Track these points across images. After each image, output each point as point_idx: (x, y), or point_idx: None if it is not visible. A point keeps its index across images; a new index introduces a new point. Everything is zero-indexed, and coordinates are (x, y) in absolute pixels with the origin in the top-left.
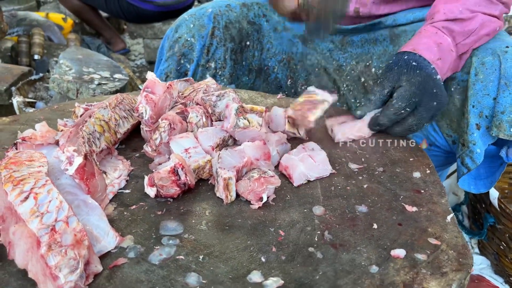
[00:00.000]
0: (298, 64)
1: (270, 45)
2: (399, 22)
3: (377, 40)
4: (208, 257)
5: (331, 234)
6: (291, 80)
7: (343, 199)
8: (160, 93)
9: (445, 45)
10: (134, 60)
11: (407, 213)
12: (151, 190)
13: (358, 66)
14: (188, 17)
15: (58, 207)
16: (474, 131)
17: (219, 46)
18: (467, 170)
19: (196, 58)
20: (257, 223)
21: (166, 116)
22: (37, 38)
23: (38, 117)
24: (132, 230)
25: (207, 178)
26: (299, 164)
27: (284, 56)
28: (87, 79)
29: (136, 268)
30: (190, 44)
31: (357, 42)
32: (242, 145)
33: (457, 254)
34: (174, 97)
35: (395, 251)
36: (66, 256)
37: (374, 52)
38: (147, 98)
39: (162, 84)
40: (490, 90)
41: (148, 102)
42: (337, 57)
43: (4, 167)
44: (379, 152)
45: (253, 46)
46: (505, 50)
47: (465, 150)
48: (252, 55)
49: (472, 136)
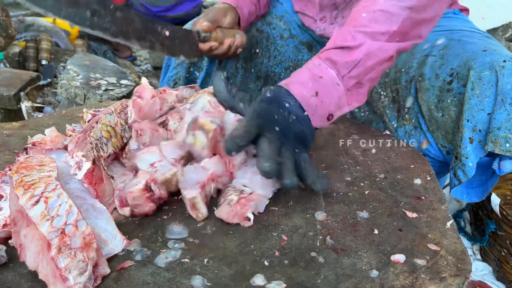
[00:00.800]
0: None
1: (277, 53)
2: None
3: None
4: (212, 261)
5: (332, 239)
6: None
7: (345, 205)
8: (147, 98)
9: (327, 79)
10: (140, 65)
11: (408, 219)
12: (124, 211)
13: None
14: None
15: (68, 211)
16: (468, 145)
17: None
18: (458, 182)
19: (206, 67)
20: (261, 227)
21: (132, 124)
22: (45, 44)
23: (47, 122)
24: (139, 234)
25: (177, 192)
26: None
27: (290, 63)
28: (94, 84)
29: (142, 270)
30: None
31: None
32: (202, 162)
33: (456, 260)
34: (169, 102)
35: (395, 256)
36: (75, 258)
37: None
38: (134, 103)
39: (151, 89)
40: (485, 105)
41: (134, 106)
42: None
43: (16, 172)
44: (380, 159)
45: (262, 54)
46: (502, 65)
47: (458, 163)
48: (260, 62)
49: (465, 150)
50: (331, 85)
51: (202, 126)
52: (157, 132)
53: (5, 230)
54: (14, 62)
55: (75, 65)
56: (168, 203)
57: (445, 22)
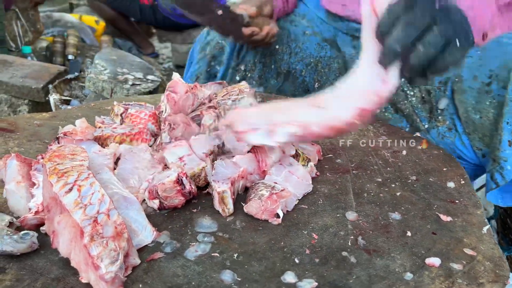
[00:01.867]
0: (326, 68)
1: (298, 49)
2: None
3: None
4: (242, 256)
5: (364, 240)
6: (318, 83)
7: (376, 205)
8: (181, 92)
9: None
10: (162, 63)
11: (442, 223)
12: (154, 203)
13: None
14: None
15: (100, 200)
16: (507, 147)
17: (249, 49)
18: (496, 186)
19: (226, 61)
20: (290, 225)
21: (167, 118)
22: (72, 39)
23: (76, 114)
24: (168, 226)
25: (204, 186)
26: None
27: (312, 60)
28: (122, 79)
29: (172, 262)
30: (221, 47)
31: None
32: (235, 158)
33: (493, 266)
34: (199, 98)
35: (430, 260)
36: (107, 247)
37: None
38: (168, 97)
39: (185, 84)
40: None
41: (169, 101)
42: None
43: (49, 160)
44: (411, 160)
45: (282, 50)
46: None
47: (496, 166)
48: (281, 59)
49: (504, 153)
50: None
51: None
52: (189, 126)
53: (37, 217)
54: (41, 57)
55: (103, 60)
56: (196, 197)
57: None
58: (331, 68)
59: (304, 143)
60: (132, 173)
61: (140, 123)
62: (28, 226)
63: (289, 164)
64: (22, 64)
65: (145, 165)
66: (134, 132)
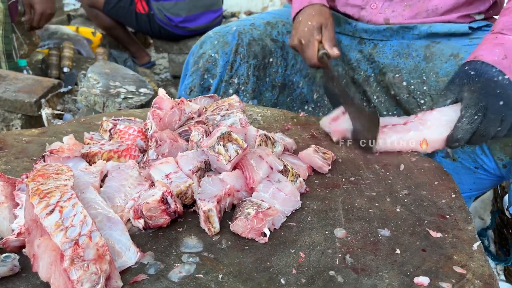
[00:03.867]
0: None
1: (294, 61)
2: (434, 30)
3: (410, 55)
4: (227, 277)
5: (352, 258)
6: (317, 94)
7: (366, 222)
8: (167, 108)
9: (509, 43)
10: (159, 74)
11: (432, 239)
12: (139, 222)
13: (386, 77)
14: (213, 34)
15: (82, 222)
16: None
17: (242, 62)
18: None
19: (219, 74)
20: (277, 244)
21: (153, 134)
22: (67, 52)
23: (66, 130)
24: (153, 246)
25: (191, 204)
26: (274, 203)
27: (309, 71)
28: (114, 92)
29: (155, 284)
30: (214, 60)
31: (388, 54)
32: (222, 175)
33: (483, 285)
34: (187, 112)
35: (418, 279)
36: (88, 270)
37: (405, 66)
38: (153, 114)
39: (170, 100)
40: None
41: (154, 117)
42: (364, 67)
43: (32, 180)
44: (403, 174)
45: (276, 63)
46: None
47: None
48: (275, 72)
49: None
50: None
51: (235, 140)
52: (176, 142)
53: (20, 239)
54: (37, 69)
55: (96, 73)
56: (183, 215)
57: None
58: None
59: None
60: (119, 191)
61: (129, 139)
62: (10, 248)
63: (277, 181)
64: (16, 78)
65: (131, 183)
66: (122, 148)
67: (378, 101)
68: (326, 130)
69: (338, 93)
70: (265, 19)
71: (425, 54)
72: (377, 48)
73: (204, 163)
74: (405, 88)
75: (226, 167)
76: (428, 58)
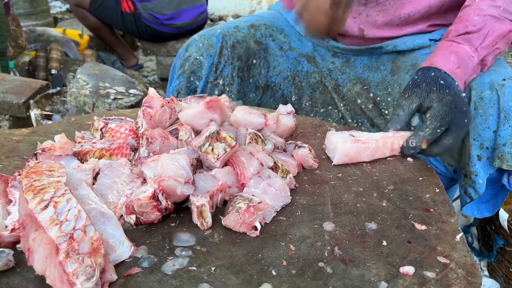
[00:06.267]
0: (303, 82)
1: (276, 63)
2: (399, 48)
3: (378, 69)
4: (219, 269)
5: (341, 250)
6: (295, 96)
7: (353, 216)
8: (157, 107)
9: (463, 53)
10: (147, 76)
11: (417, 231)
12: (130, 218)
13: (355, 88)
14: (198, 37)
15: (77, 216)
16: (476, 162)
17: (226, 64)
18: (470, 200)
19: (205, 76)
20: (268, 237)
21: (144, 132)
22: (55, 54)
23: (56, 129)
24: (146, 241)
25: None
26: (264, 198)
27: (289, 73)
28: (103, 93)
29: (149, 277)
30: (199, 62)
31: (358, 68)
32: (213, 171)
33: (466, 273)
34: (177, 111)
35: (404, 268)
36: (83, 263)
37: (373, 79)
38: (144, 112)
39: (160, 98)
40: (490, 123)
41: (145, 116)
42: (335, 77)
43: (25, 176)
44: (388, 170)
45: (259, 64)
46: (501, 84)
47: (468, 181)
48: (258, 73)
49: (474, 168)
50: (467, 57)
51: (224, 139)
52: (167, 140)
53: (13, 235)
54: (24, 71)
55: (85, 74)
56: (175, 210)
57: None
58: (308, 82)
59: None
60: (111, 188)
61: (120, 138)
62: (4, 244)
63: (267, 177)
64: (4, 79)
65: (124, 180)
66: (114, 147)
67: (344, 108)
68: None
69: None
70: (248, 22)
71: (392, 68)
72: (349, 62)
73: (195, 160)
74: (372, 98)
75: (216, 164)
76: (394, 71)
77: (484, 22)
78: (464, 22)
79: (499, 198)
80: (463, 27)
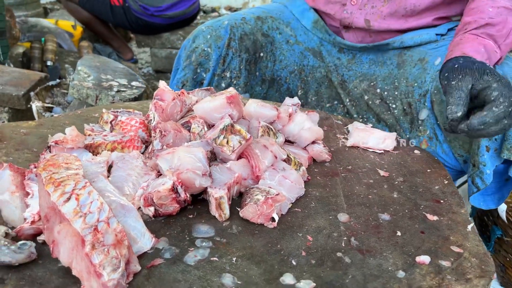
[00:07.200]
0: (309, 76)
1: (282, 57)
2: (406, 44)
3: (385, 63)
4: (240, 259)
5: (357, 240)
6: (301, 90)
7: (366, 207)
8: (169, 100)
9: (489, 47)
10: (141, 68)
11: (429, 222)
12: (149, 210)
13: (362, 85)
14: (205, 28)
15: (100, 208)
16: (485, 153)
17: (234, 56)
18: (476, 190)
19: (212, 68)
20: (285, 228)
21: (157, 125)
22: (50, 45)
23: (63, 122)
24: (166, 232)
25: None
26: (281, 190)
27: (295, 67)
28: (106, 86)
29: (172, 268)
30: (207, 54)
31: (364, 63)
32: (229, 163)
33: (479, 262)
34: (187, 104)
35: (420, 258)
36: (108, 255)
37: (380, 73)
38: (155, 105)
39: (171, 91)
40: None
41: (157, 109)
42: (341, 72)
43: (43, 169)
44: (397, 163)
45: (266, 57)
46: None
47: (476, 170)
48: (265, 66)
49: (482, 158)
50: (492, 52)
51: (238, 131)
52: (180, 133)
53: (34, 227)
54: (18, 63)
55: (86, 66)
56: (191, 203)
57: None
58: (314, 76)
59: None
60: (126, 180)
61: (131, 131)
62: (25, 236)
63: (282, 169)
64: (2, 71)
65: (138, 172)
66: (126, 139)
67: (350, 104)
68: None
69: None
70: (255, 14)
71: (398, 62)
72: (355, 59)
73: (210, 152)
74: (378, 94)
75: (231, 157)
76: (400, 65)
77: (499, 14)
78: (480, 13)
79: (504, 190)
80: (482, 19)
